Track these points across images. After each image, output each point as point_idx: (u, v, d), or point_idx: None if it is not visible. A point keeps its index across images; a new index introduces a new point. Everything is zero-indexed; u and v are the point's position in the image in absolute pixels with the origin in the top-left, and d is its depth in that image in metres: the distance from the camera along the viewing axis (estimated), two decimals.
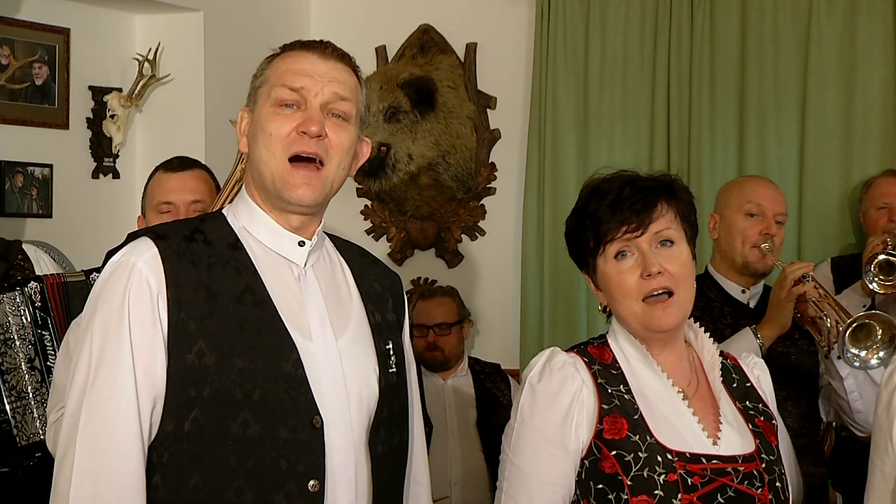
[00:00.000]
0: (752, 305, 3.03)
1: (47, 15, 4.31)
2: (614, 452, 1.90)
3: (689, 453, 1.90)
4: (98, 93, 4.52)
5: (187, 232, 1.88)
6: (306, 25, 5.06)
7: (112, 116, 4.51)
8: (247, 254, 1.89)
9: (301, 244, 1.92)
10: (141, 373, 1.78)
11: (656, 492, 1.87)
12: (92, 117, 4.52)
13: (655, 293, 1.93)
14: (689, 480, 1.87)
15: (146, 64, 4.51)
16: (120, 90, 4.54)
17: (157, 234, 1.86)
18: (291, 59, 1.92)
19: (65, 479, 1.76)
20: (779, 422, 2.06)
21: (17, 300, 3.08)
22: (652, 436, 1.91)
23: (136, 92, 4.53)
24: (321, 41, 1.94)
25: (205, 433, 1.78)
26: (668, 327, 1.95)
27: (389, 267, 2.14)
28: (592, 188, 2.01)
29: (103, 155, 4.55)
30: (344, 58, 1.94)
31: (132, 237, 1.89)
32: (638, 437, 1.91)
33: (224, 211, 1.97)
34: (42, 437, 3.05)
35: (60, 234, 4.30)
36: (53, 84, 4.35)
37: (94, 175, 4.54)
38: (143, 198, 2.95)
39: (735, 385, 2.04)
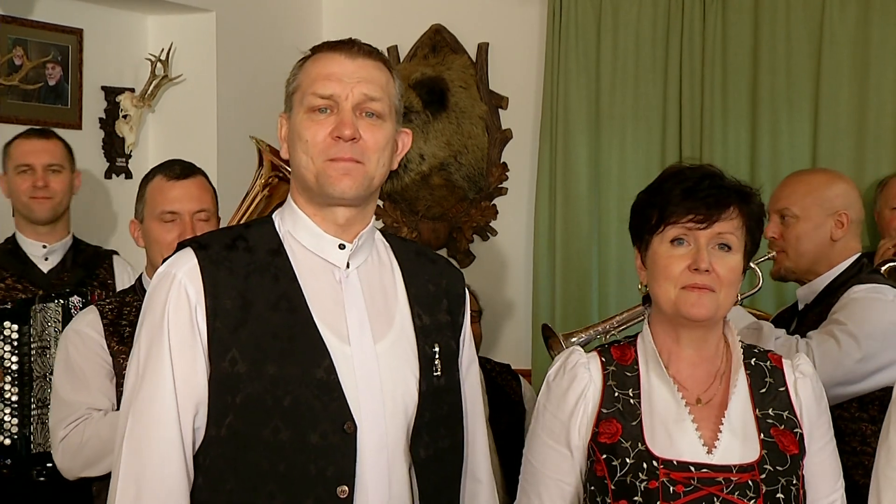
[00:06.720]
0: (799, 307, 3.00)
1: (60, 16, 4.32)
2: (604, 456, 1.92)
3: (677, 461, 1.89)
4: (111, 93, 4.53)
5: (229, 240, 1.92)
6: (318, 26, 5.05)
7: (125, 117, 4.52)
8: (287, 259, 1.92)
9: (342, 247, 1.94)
10: (181, 381, 1.84)
11: (636, 498, 1.87)
12: (105, 117, 4.53)
13: (696, 287, 1.92)
14: (672, 489, 1.87)
15: (158, 64, 4.52)
16: (132, 90, 4.55)
17: (200, 244, 1.91)
18: (321, 62, 1.93)
19: (114, 482, 1.85)
20: (804, 429, 1.99)
21: (58, 310, 3.09)
22: (644, 442, 1.91)
23: (149, 92, 4.53)
24: (349, 40, 1.95)
25: (239, 438, 1.84)
26: (698, 317, 1.93)
27: (453, 265, 2.15)
28: (674, 171, 2.02)
29: (116, 155, 4.56)
30: (372, 54, 1.95)
31: (180, 247, 1.93)
32: (629, 443, 1.91)
33: (273, 216, 2.00)
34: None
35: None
36: (66, 84, 4.36)
37: (107, 175, 4.55)
38: (138, 201, 2.85)
39: (763, 390, 2.00)
